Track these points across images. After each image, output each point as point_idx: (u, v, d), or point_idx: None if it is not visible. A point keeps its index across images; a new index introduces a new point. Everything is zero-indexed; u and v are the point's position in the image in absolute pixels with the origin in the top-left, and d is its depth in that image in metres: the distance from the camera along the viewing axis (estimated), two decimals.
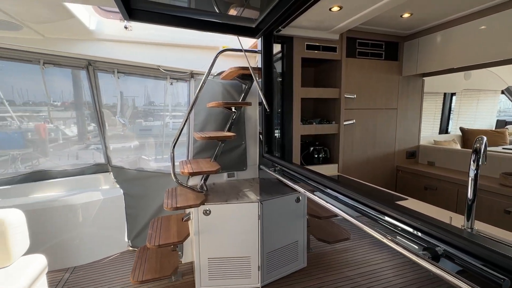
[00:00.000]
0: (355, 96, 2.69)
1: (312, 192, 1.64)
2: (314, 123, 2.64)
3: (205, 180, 2.59)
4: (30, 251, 2.02)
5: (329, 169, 2.65)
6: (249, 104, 2.63)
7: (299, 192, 1.76)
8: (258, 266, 2.32)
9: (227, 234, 2.27)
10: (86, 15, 2.30)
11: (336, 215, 1.46)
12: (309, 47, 2.43)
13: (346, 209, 1.34)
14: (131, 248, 3.06)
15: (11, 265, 1.86)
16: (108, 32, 2.53)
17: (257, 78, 2.33)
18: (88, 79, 2.74)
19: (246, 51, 2.28)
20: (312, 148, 2.68)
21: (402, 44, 2.91)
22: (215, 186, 2.72)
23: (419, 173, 2.85)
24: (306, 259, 2.63)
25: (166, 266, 2.31)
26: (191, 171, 2.25)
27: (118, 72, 2.76)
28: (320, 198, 1.51)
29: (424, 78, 3.03)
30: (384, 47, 2.86)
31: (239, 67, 2.32)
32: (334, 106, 2.64)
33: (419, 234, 0.97)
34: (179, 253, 2.82)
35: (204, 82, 2.23)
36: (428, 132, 3.87)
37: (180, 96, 3.30)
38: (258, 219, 2.27)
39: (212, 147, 2.76)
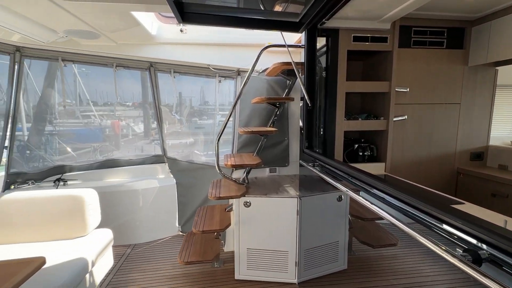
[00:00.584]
0: (408, 89, 2.47)
1: (356, 191, 1.57)
2: (359, 119, 2.51)
3: (248, 173, 2.69)
4: (100, 226, 2.39)
5: (375, 168, 2.49)
6: (292, 99, 2.64)
7: (341, 190, 1.67)
8: (296, 262, 2.32)
9: (266, 227, 2.32)
10: (149, 22, 2.62)
11: (381, 218, 1.32)
12: (356, 39, 2.32)
13: (394, 213, 1.23)
14: (180, 233, 3.35)
15: (86, 235, 2.23)
16: (166, 36, 2.83)
17: (300, 73, 2.33)
18: (150, 79, 3.09)
19: (289, 46, 2.30)
20: (356, 146, 2.56)
21: (469, 30, 2.55)
22: (256, 180, 2.80)
23: (487, 177, 2.46)
24: (346, 261, 2.52)
25: (209, 251, 2.48)
26: (234, 163, 2.37)
27: (174, 72, 3.06)
28: (364, 198, 1.40)
29: (497, 68, 2.61)
30: (446, 34, 2.55)
31: (282, 62, 2.35)
32: (383, 101, 2.47)
33: (484, 246, 0.82)
34: (222, 241, 2.99)
35: (247, 78, 2.33)
36: (501, 131, 3.31)
37: (231, 95, 3.49)
38: (297, 214, 2.27)
39: (255, 142, 2.85)
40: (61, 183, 3.11)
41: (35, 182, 3.07)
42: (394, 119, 2.46)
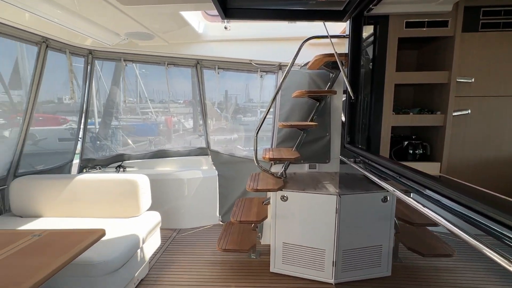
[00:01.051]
0: (472, 80, 2.14)
1: (405, 192, 1.43)
2: (411, 113, 2.28)
3: (286, 168, 2.67)
4: (150, 209, 2.63)
5: (428, 168, 2.23)
6: (334, 92, 2.53)
7: (388, 190, 1.52)
8: (333, 262, 2.23)
9: (302, 222, 2.28)
10: (196, 21, 2.78)
11: (435, 224, 1.16)
12: (410, 25, 2.10)
13: (452, 219, 1.08)
14: (221, 222, 3.51)
15: (139, 216, 2.48)
16: (212, 34, 2.97)
17: (344, 65, 2.22)
18: (196, 76, 3.28)
19: (332, 36, 2.20)
20: (406, 143, 2.33)
21: None
22: (295, 176, 2.77)
23: None
24: (390, 268, 2.33)
25: (246, 242, 2.55)
26: (272, 157, 2.38)
27: (218, 68, 3.19)
28: (416, 201, 1.23)
29: None
30: None
31: (324, 54, 2.27)
32: (440, 93, 2.19)
33: None
34: (259, 234, 3.03)
35: (287, 72, 2.30)
36: None
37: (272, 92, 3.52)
38: (336, 213, 2.18)
39: (295, 137, 2.81)
40: (121, 169, 3.52)
41: (101, 167, 3.54)
42: (454, 113, 2.16)
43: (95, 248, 1.84)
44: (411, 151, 2.37)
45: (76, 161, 3.49)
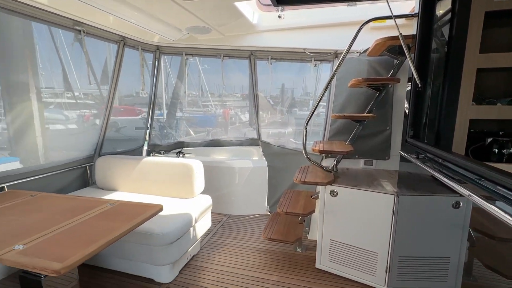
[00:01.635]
0: None
1: (487, 199, 1.18)
2: (499, 104, 1.87)
3: (338, 162, 2.52)
4: (203, 193, 2.82)
5: None
6: (397, 80, 2.26)
7: (462, 194, 1.26)
8: (387, 267, 2.04)
9: (353, 221, 2.14)
10: (251, 12, 2.81)
11: None
12: None
13: None
14: (268, 213, 3.55)
15: (193, 198, 2.68)
16: (265, 24, 2.96)
17: (410, 49, 1.95)
18: (250, 67, 3.34)
19: (396, 16, 1.95)
20: (490, 140, 1.93)
21: None
22: (348, 171, 2.60)
23: None
24: (460, 286, 2.00)
25: (291, 234, 2.52)
26: (321, 149, 2.28)
27: (271, 58, 3.18)
28: (504, 210, 0.96)
29: None
30: None
31: (387, 37, 2.03)
32: None
33: None
34: (306, 228, 2.96)
35: (342, 59, 2.14)
36: None
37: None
38: (392, 214, 1.97)
39: (349, 130, 2.62)
40: (181, 155, 3.86)
41: (165, 152, 3.93)
42: None
43: (155, 221, 2.08)
44: (496, 150, 1.97)
45: (145, 148, 3.98)
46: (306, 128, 2.23)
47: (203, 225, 2.60)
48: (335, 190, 2.18)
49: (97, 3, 2.07)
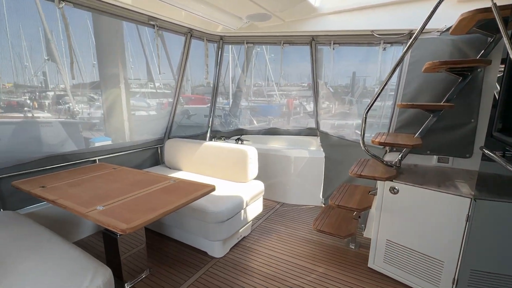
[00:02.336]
0: None
1: None
2: None
3: (403, 157, 2.26)
4: (257, 179, 2.91)
5: None
6: (486, 62, 1.84)
7: None
8: (454, 280, 1.77)
9: (415, 223, 1.90)
10: None
11: None
12: None
13: None
14: (322, 205, 3.44)
15: (246, 183, 2.79)
16: (328, 6, 2.77)
17: (506, 23, 1.56)
18: (310, 53, 3.21)
19: None
20: None
21: None
22: (415, 168, 2.30)
23: None
24: None
25: (343, 228, 2.40)
26: (383, 141, 2.06)
27: (334, 43, 2.98)
28: None
29: None
30: None
31: (476, 9, 1.67)
32: None
33: None
34: (362, 225, 2.77)
35: (414, 39, 1.86)
36: None
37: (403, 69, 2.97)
38: (466, 220, 1.68)
39: (420, 122, 2.30)
40: (239, 141, 4.03)
41: (225, 138, 4.17)
42: None
43: (211, 200, 2.26)
44: None
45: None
46: (365, 117, 2.04)
47: (254, 209, 2.70)
48: (396, 187, 1.97)
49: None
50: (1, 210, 2.12)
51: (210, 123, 4.14)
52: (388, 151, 2.64)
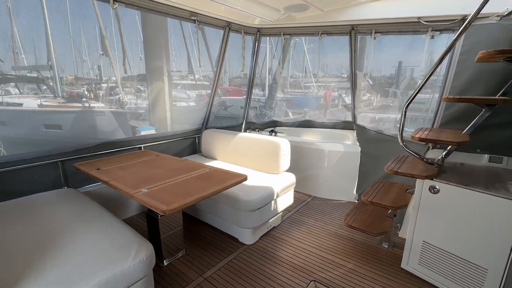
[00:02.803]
0: None
1: None
2: None
3: (447, 155, 2.09)
4: (289, 171, 2.94)
5: None
6: None
7: None
8: None
9: (456, 225, 1.78)
10: None
11: None
12: None
13: None
14: (356, 201, 3.35)
15: (278, 174, 2.84)
16: None
17: None
18: (350, 43, 3.08)
19: None
20: None
21: None
22: (461, 167, 2.12)
23: None
24: None
25: (376, 226, 2.33)
26: (423, 137, 1.94)
27: (375, 32, 2.82)
28: None
29: None
30: None
31: None
32: None
33: None
34: (398, 224, 2.66)
35: (467, 24, 1.68)
36: None
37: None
38: None
39: (471, 117, 2.10)
40: (273, 133, 4.07)
41: (259, 130, 4.24)
42: None
43: (242, 189, 2.36)
44: None
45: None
46: (405, 111, 1.93)
47: (284, 201, 2.74)
48: (437, 186, 1.85)
49: None
50: (65, 187, 2.47)
51: (245, 114, 4.24)
52: (431, 148, 2.46)
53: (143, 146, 3.06)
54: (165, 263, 2.18)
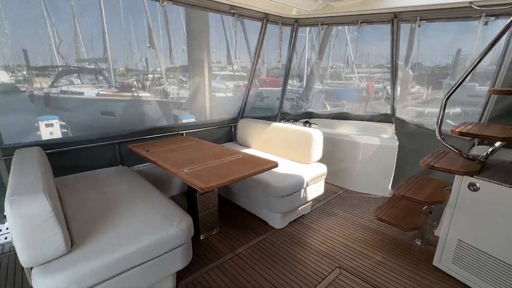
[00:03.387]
0: None
1: None
2: None
3: (493, 151, 1.96)
4: (321, 162, 2.97)
5: None
6: None
7: None
8: None
9: (496, 226, 1.69)
10: None
11: None
12: None
13: None
14: (390, 196, 3.26)
15: (309, 164, 2.90)
16: None
17: None
18: (391, 32, 2.94)
19: None
20: None
21: None
22: (510, 165, 1.97)
23: None
24: None
25: (408, 221, 2.29)
26: (465, 131, 1.84)
27: (420, 19, 2.66)
28: None
29: None
30: None
31: None
32: None
33: None
34: (434, 222, 2.56)
35: None
36: None
37: None
38: None
39: None
40: (307, 124, 4.09)
41: (293, 121, 4.29)
42: None
43: (274, 176, 2.48)
44: None
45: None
46: (445, 104, 1.85)
47: (314, 190, 2.80)
48: (477, 184, 1.77)
49: None
50: (121, 165, 2.84)
51: (280, 105, 4.31)
52: (476, 144, 2.31)
53: (185, 133, 3.34)
54: (202, 237, 2.42)
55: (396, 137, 3.26)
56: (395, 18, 2.84)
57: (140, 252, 1.49)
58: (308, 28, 3.92)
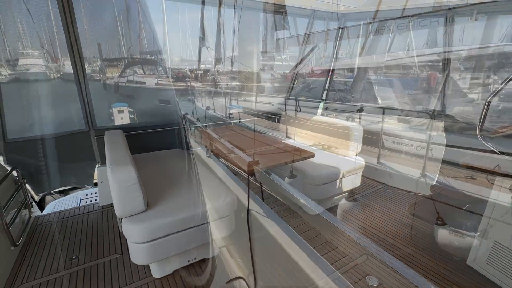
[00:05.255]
0: None
1: None
2: None
3: None
4: (360, 154, 3.06)
5: None
6: None
7: None
8: None
9: None
10: None
11: None
12: None
13: None
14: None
15: (347, 157, 3.03)
16: None
17: None
18: (445, 26, 2.83)
19: None
20: None
21: None
22: None
23: None
24: None
25: (443, 218, 2.30)
26: (510, 132, 1.80)
27: (477, 13, 2.52)
28: None
29: None
30: None
31: None
32: None
33: None
34: (470, 222, 2.50)
35: None
36: None
37: None
38: None
39: None
40: (350, 118, 4.13)
41: (337, 113, 4.37)
42: None
43: (311, 166, 2.70)
44: None
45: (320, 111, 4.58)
46: (489, 102, 1.81)
47: (350, 182, 2.93)
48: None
49: None
50: (179, 148, 3.34)
51: (324, 97, 4.41)
52: None
53: (233, 122, 3.71)
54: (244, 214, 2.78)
55: (444, 135, 3.15)
56: (449, 11, 2.72)
57: (195, 217, 1.89)
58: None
